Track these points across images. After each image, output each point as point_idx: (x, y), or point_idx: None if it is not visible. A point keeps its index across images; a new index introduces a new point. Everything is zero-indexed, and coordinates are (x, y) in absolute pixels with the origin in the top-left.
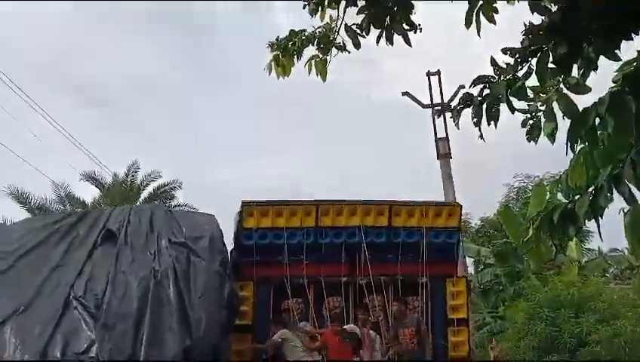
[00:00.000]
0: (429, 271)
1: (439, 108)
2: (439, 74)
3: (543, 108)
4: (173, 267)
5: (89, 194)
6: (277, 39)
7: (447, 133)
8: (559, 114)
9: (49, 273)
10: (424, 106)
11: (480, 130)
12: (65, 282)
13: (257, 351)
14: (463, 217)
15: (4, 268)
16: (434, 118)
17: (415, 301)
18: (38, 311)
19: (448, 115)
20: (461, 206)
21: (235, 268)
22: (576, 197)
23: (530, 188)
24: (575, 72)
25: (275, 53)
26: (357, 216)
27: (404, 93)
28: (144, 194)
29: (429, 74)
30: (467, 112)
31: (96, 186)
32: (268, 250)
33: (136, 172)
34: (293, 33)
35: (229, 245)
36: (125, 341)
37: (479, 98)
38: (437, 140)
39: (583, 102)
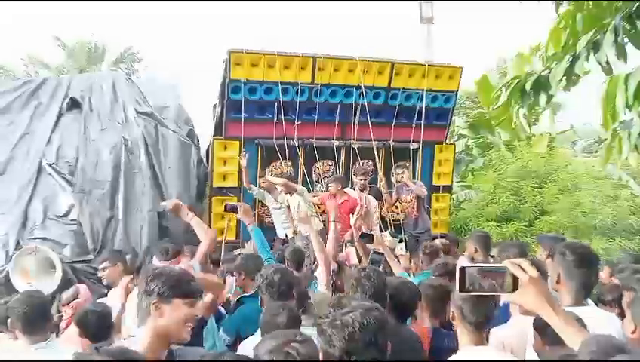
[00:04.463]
0: (421, 137)
1: None
2: None
3: None
4: (142, 137)
5: (53, 57)
6: None
7: None
8: None
9: (18, 140)
10: None
11: None
12: (35, 149)
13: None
14: None
15: None
16: None
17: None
18: (13, 177)
19: None
20: (462, 68)
21: (219, 125)
22: (553, 64)
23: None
24: None
25: None
26: (356, 74)
27: None
28: (109, 56)
29: None
30: None
31: (60, 47)
32: (257, 106)
33: None
34: None
35: (215, 99)
36: (103, 204)
37: None
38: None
39: None
